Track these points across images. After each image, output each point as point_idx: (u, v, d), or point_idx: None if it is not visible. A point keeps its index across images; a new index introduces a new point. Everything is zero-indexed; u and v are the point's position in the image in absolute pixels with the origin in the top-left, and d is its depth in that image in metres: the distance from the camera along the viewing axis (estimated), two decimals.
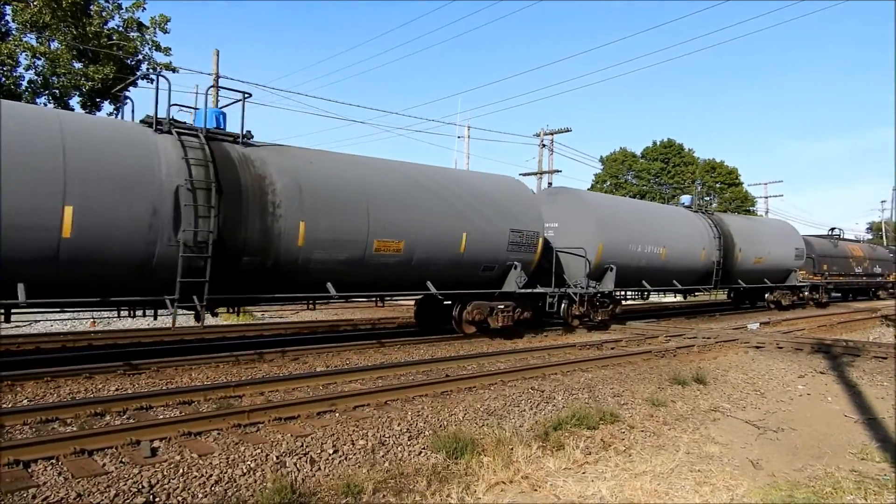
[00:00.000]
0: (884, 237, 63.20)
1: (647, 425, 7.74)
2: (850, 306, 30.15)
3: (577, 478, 5.85)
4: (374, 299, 13.45)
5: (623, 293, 18.58)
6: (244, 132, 10.48)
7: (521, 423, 7.21)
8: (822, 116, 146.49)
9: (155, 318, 11.12)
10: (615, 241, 16.57)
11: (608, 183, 54.63)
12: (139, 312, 10.26)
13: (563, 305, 15.52)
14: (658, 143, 54.50)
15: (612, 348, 13.05)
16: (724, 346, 13.56)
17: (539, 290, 14.61)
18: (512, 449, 6.22)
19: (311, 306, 13.71)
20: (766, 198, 53.87)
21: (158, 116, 9.56)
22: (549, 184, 34.67)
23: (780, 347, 13.51)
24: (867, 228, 72.88)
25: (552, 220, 16.37)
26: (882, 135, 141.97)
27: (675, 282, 19.25)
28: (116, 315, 11.35)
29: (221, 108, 11.77)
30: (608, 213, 17.24)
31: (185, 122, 10.04)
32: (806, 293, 27.28)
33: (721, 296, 30.85)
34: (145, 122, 9.68)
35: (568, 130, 33.63)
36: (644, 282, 18.07)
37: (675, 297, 30.60)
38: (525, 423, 7.27)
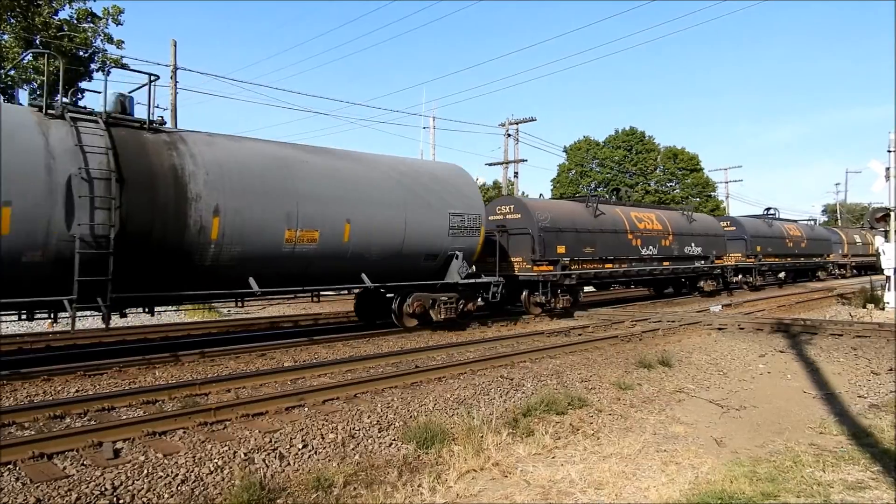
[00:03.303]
0: (838, 219, 65.23)
1: (615, 408, 7.87)
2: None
3: (546, 462, 5.91)
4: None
5: None
6: (155, 118, 9.75)
7: (490, 411, 7.25)
8: (778, 101, 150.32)
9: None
10: None
11: (573, 171, 55.13)
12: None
13: None
14: (621, 132, 55.11)
15: (580, 334, 13.21)
16: (687, 329, 13.84)
17: None
18: (482, 437, 6.24)
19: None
20: (727, 182, 55.10)
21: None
22: (515, 174, 34.85)
23: (742, 328, 13.86)
24: (822, 210, 75.15)
25: None
26: (837, 118, 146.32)
27: None
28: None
29: (131, 91, 10.14)
30: None
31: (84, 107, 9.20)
32: (523, 295, 16.52)
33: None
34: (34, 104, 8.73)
35: (533, 120, 33.89)
36: None
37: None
38: (495, 410, 7.31)
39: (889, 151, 18.32)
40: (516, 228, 16.61)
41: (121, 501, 4.61)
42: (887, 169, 18.44)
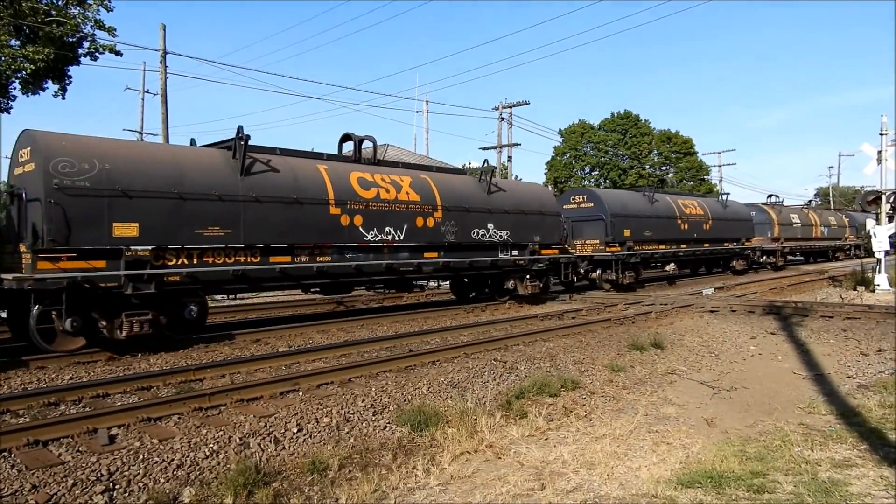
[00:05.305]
0: (831, 202, 65.48)
1: (607, 390, 7.94)
2: None
3: (539, 444, 5.97)
4: None
5: None
6: None
7: (484, 394, 7.30)
8: (772, 85, 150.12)
9: None
10: None
11: (567, 155, 55.10)
12: None
13: None
14: (615, 115, 55.04)
15: (573, 318, 13.29)
16: (680, 312, 13.93)
17: None
18: (476, 419, 6.31)
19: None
20: (720, 166, 55.13)
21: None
22: (509, 158, 34.76)
23: (734, 311, 13.96)
24: (815, 193, 75.39)
25: None
26: (830, 101, 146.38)
27: None
28: None
29: None
30: None
31: None
32: (33, 314, 8.53)
33: None
34: None
35: (526, 103, 33.63)
36: None
37: None
38: (488, 393, 7.37)
39: (881, 135, 18.36)
40: (31, 191, 8.98)
41: (117, 487, 4.64)
42: (879, 152, 18.50)
